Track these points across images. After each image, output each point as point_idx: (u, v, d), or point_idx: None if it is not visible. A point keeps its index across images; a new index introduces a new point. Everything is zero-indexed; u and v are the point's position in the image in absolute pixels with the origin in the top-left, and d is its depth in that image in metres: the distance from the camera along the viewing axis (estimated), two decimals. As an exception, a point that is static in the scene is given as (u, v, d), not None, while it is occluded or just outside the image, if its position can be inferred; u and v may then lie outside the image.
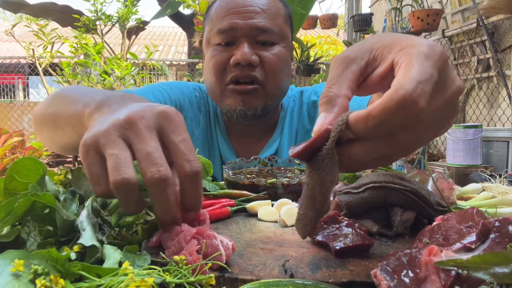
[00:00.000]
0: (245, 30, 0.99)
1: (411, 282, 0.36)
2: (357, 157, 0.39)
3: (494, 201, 0.69)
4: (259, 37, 1.01)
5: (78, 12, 4.89)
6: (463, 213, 0.46)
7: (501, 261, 0.32)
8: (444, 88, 0.39)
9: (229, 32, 1.00)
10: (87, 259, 0.42)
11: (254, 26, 0.99)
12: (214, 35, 1.03)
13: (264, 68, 1.01)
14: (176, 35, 12.77)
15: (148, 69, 6.17)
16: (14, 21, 5.43)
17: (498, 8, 3.03)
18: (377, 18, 4.86)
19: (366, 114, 0.36)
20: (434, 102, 0.38)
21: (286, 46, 1.06)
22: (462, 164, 2.94)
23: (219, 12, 1.03)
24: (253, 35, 1.00)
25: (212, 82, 1.04)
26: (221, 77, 1.02)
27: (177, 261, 0.40)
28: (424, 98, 0.36)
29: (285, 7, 1.09)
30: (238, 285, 0.42)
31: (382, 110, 0.35)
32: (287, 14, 1.09)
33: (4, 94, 9.35)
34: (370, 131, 0.36)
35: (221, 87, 1.03)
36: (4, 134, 4.40)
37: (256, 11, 1.01)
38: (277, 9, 1.05)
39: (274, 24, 1.02)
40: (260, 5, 1.01)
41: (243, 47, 0.98)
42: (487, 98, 3.54)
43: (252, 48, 1.00)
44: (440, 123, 0.41)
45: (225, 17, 1.01)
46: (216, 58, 1.02)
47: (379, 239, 0.55)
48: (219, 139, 1.14)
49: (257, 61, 0.99)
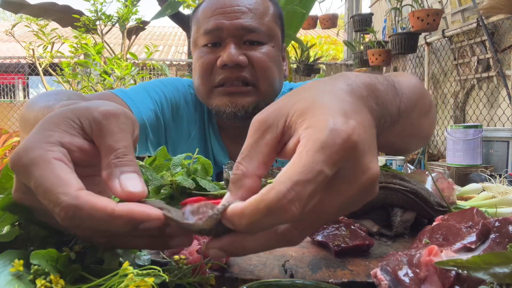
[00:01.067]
0: (231, 30, 0.96)
1: (411, 282, 0.36)
2: (248, 249, 0.35)
3: (494, 201, 0.69)
4: (246, 37, 0.97)
5: (78, 12, 4.89)
6: (463, 213, 0.46)
7: (501, 261, 0.32)
8: (350, 181, 0.34)
9: (215, 33, 0.97)
10: (87, 259, 0.42)
11: (240, 26, 0.96)
12: (201, 36, 1.00)
13: (254, 68, 0.98)
14: (176, 35, 12.77)
15: (148, 69, 6.17)
16: (14, 21, 5.43)
17: (498, 8, 3.03)
18: (377, 18, 4.87)
19: (240, 211, 0.32)
20: (330, 197, 0.34)
21: (276, 45, 1.03)
22: (462, 164, 2.94)
23: (205, 13, 1.00)
24: (240, 35, 0.97)
25: (199, 84, 1.02)
26: (208, 79, 0.99)
27: (177, 261, 0.40)
28: (298, 203, 0.31)
29: (274, 6, 1.06)
30: (238, 285, 0.42)
31: (253, 211, 0.31)
32: (277, 13, 1.06)
33: (4, 94, 9.35)
34: (246, 229, 0.32)
35: (207, 89, 1.00)
36: (4, 134, 4.41)
37: (243, 10, 0.98)
38: (265, 8, 1.02)
39: (262, 23, 0.99)
40: (246, 5, 0.98)
41: (230, 47, 0.95)
42: (487, 98, 3.54)
43: (239, 48, 0.96)
44: (349, 208, 0.36)
45: (211, 18, 0.98)
46: (202, 59, 0.99)
47: (379, 239, 0.55)
48: (212, 139, 1.11)
49: (245, 62, 0.96)
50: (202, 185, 0.71)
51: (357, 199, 0.35)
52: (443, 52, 4.10)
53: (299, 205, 0.31)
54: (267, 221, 0.31)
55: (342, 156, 0.32)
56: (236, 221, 0.32)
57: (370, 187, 0.35)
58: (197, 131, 1.13)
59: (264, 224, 0.32)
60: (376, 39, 4.39)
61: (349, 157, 0.33)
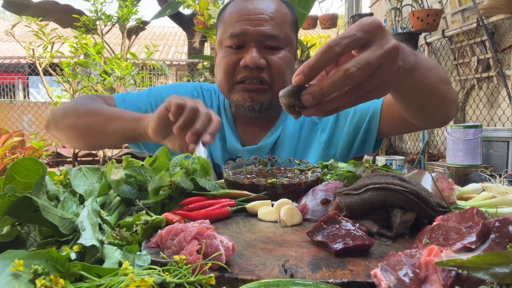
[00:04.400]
0: (255, 36, 1.10)
1: (411, 282, 0.36)
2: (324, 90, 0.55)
3: (494, 201, 0.69)
4: (267, 43, 1.11)
5: (78, 12, 4.89)
6: (463, 213, 0.46)
7: (501, 261, 0.32)
8: (379, 46, 0.56)
9: (240, 37, 1.11)
10: (87, 259, 0.42)
11: (262, 33, 1.10)
12: (226, 38, 1.13)
13: (271, 70, 1.12)
14: (176, 35, 12.77)
15: (148, 69, 6.16)
16: (14, 21, 5.42)
17: (498, 8, 3.03)
18: (377, 18, 4.86)
19: (305, 63, 0.55)
20: (367, 52, 0.55)
21: (291, 50, 1.17)
22: (462, 164, 2.94)
23: (232, 17, 1.14)
24: (262, 40, 1.11)
25: (222, 80, 1.16)
26: (230, 77, 1.14)
27: (177, 261, 0.40)
28: (338, 45, 0.54)
29: (291, 12, 1.19)
30: (238, 285, 0.42)
31: (314, 56, 0.55)
32: (294, 19, 1.19)
33: (4, 94, 9.35)
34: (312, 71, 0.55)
35: (229, 85, 1.15)
36: (4, 134, 4.40)
37: (265, 18, 1.11)
38: (285, 15, 1.16)
39: (281, 30, 1.13)
40: (269, 13, 1.12)
41: (252, 51, 1.09)
42: (487, 98, 3.54)
43: (260, 52, 1.10)
44: (383, 73, 0.57)
45: (237, 23, 1.12)
46: (227, 59, 1.13)
47: (379, 239, 0.55)
48: (226, 128, 1.24)
49: (264, 64, 1.10)
50: (202, 185, 0.71)
51: (386, 61, 0.56)
52: (443, 52, 4.10)
53: (339, 46, 0.54)
54: (321, 58, 0.55)
55: (370, 28, 0.56)
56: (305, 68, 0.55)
57: (393, 53, 0.57)
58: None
59: (322, 61, 0.55)
60: (376, 39, 4.37)
61: (377, 31, 0.56)
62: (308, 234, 0.54)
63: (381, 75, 0.57)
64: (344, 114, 1.19)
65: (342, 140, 1.19)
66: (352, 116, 1.18)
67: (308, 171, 0.87)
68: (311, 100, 0.57)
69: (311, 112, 0.59)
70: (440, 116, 0.98)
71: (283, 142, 1.21)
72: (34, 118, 7.09)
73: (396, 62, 0.58)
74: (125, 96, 1.25)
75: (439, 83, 0.85)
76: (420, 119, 0.96)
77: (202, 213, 0.63)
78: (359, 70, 0.55)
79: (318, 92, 0.57)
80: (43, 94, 7.09)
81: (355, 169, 0.83)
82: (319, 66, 0.56)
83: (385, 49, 0.56)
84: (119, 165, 0.69)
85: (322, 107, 0.59)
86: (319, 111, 0.59)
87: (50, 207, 0.47)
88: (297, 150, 1.21)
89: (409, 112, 0.93)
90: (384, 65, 0.57)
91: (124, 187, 0.65)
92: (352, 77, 0.55)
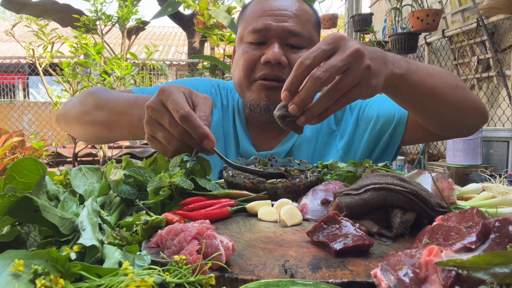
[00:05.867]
0: (278, 31, 1.07)
1: (411, 282, 0.36)
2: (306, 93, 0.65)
3: (494, 201, 0.69)
4: (289, 40, 1.08)
5: (78, 11, 4.88)
6: (463, 213, 0.46)
7: (501, 261, 0.32)
8: (342, 51, 0.65)
9: (263, 32, 1.08)
10: (87, 259, 0.42)
11: (286, 29, 1.07)
12: (248, 34, 1.10)
13: (291, 70, 1.08)
14: (176, 35, 12.77)
15: (148, 69, 6.17)
16: (14, 21, 5.43)
17: (498, 8, 3.03)
18: (377, 18, 4.86)
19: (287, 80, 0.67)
20: (331, 59, 0.65)
21: None
22: (462, 164, 2.94)
23: (255, 13, 1.11)
24: (284, 37, 1.07)
25: (241, 76, 1.12)
26: (249, 73, 1.10)
27: (177, 261, 0.40)
28: (308, 58, 0.65)
29: (315, 14, 1.18)
30: (238, 285, 0.42)
31: (291, 73, 0.66)
32: (317, 21, 1.18)
33: (4, 94, 9.35)
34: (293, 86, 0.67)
35: (248, 82, 1.11)
36: (4, 134, 4.40)
37: (289, 15, 1.09)
38: (309, 15, 1.14)
39: (305, 29, 1.10)
40: (293, 10, 1.10)
41: (274, 47, 1.06)
42: (487, 98, 3.54)
43: (282, 49, 1.07)
44: (352, 72, 0.65)
45: (260, 18, 1.09)
46: (247, 55, 1.09)
47: (379, 239, 0.55)
48: (239, 131, 1.21)
49: (286, 62, 1.07)
50: (202, 185, 0.71)
51: (351, 61, 0.65)
52: (443, 52, 4.10)
53: (309, 61, 0.64)
54: (299, 72, 0.65)
55: (333, 40, 0.66)
56: (287, 85, 0.66)
57: (356, 54, 0.65)
58: (214, 126, 1.20)
59: (300, 75, 0.65)
60: (376, 39, 4.39)
61: (339, 40, 0.66)
62: (308, 234, 0.54)
63: (352, 75, 0.65)
64: (365, 121, 1.16)
65: (362, 147, 1.15)
66: (374, 123, 1.13)
67: (308, 171, 0.87)
68: (296, 108, 0.66)
69: (302, 120, 0.67)
70: (460, 124, 0.95)
71: (299, 148, 1.17)
72: (34, 118, 7.10)
73: (363, 61, 0.66)
74: (143, 91, 1.19)
75: (447, 88, 0.84)
76: (436, 126, 0.94)
77: (202, 213, 0.63)
78: (324, 72, 0.63)
79: (298, 100, 0.65)
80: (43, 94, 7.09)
81: (355, 169, 0.83)
82: (298, 80, 0.65)
83: (347, 52, 0.65)
84: (118, 165, 0.69)
85: (309, 113, 0.67)
86: (308, 118, 0.67)
87: (50, 207, 0.47)
88: (314, 156, 1.17)
89: (421, 119, 0.92)
90: (352, 66, 0.65)
91: (123, 187, 0.65)
92: (319, 79, 0.63)
